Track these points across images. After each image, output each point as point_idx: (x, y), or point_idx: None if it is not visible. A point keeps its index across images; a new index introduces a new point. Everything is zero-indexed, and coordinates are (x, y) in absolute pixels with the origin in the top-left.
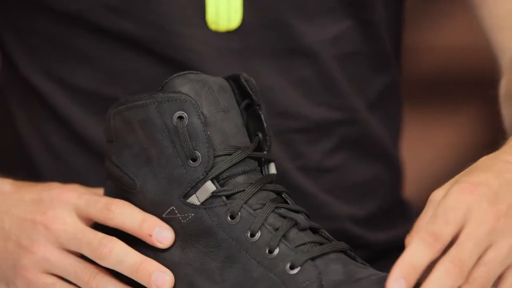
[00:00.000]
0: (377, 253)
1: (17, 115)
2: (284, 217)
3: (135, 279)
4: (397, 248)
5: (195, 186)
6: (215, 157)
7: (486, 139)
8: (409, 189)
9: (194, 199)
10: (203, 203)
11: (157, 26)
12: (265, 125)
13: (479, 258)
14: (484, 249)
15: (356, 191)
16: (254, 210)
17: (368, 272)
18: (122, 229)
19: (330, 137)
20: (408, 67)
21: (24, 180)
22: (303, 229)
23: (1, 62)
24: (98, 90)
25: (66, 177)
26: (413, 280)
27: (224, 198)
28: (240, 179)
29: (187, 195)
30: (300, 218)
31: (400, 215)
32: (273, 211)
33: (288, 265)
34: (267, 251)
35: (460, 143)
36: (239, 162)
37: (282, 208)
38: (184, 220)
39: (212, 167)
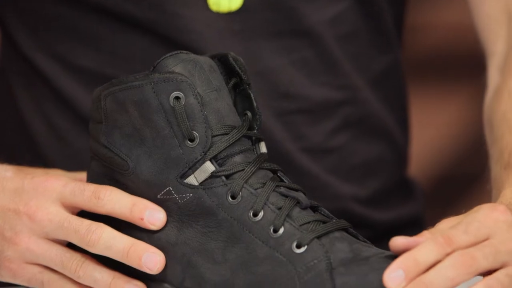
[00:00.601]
0: (380, 233)
1: (19, 96)
2: (285, 195)
3: (125, 262)
4: (400, 228)
5: (193, 167)
6: (212, 137)
7: None
8: (412, 168)
9: (192, 180)
10: (201, 184)
11: (159, 7)
12: (255, 104)
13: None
14: (500, 264)
15: (359, 171)
16: (255, 189)
17: (373, 250)
18: (113, 215)
19: (332, 118)
20: (410, 45)
21: (28, 162)
22: (304, 208)
23: (4, 43)
24: (101, 71)
25: (69, 157)
26: (412, 274)
27: (223, 178)
28: (237, 158)
29: (185, 175)
30: (302, 196)
31: (403, 194)
32: (274, 190)
33: (294, 244)
34: (271, 230)
35: (463, 122)
36: (236, 141)
37: (281, 187)
38: (181, 201)
39: (210, 147)
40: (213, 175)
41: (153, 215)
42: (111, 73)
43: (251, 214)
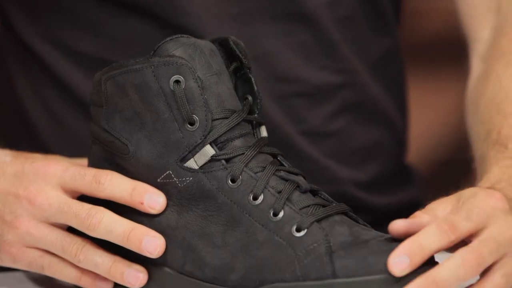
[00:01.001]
0: (379, 217)
1: (18, 83)
2: (285, 179)
3: (126, 246)
4: (399, 212)
5: (193, 150)
6: (212, 120)
7: None
8: (412, 153)
9: (192, 163)
10: (201, 167)
11: None
12: (255, 88)
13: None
14: (500, 256)
15: (358, 155)
16: (255, 173)
17: (373, 233)
18: (113, 200)
19: (331, 101)
20: (410, 29)
21: (27, 148)
22: (304, 191)
23: (2, 30)
24: (100, 55)
25: (68, 143)
26: (417, 261)
27: (223, 161)
28: (237, 142)
29: (185, 159)
30: (301, 180)
31: (402, 179)
32: (273, 173)
33: (294, 228)
34: (271, 214)
35: (463, 108)
36: (236, 125)
37: (281, 171)
38: (181, 184)
39: (210, 130)
40: (213, 159)
41: (153, 199)
42: (111, 58)
43: (251, 197)
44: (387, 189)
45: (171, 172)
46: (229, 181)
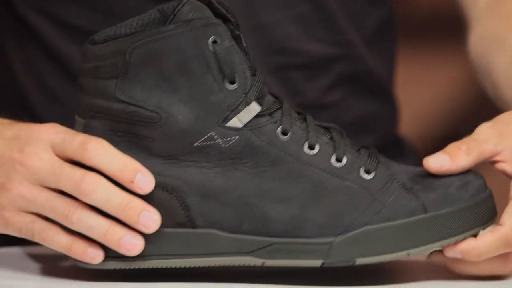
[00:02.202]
0: None
1: (12, 56)
2: (326, 128)
3: (121, 218)
4: None
5: (236, 109)
6: (250, 77)
7: None
8: (411, 128)
9: (235, 122)
10: (246, 125)
11: None
12: (244, 44)
13: None
14: None
15: (353, 127)
16: (301, 123)
17: (420, 168)
18: (101, 171)
19: (328, 74)
20: (411, 3)
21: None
22: (345, 137)
23: None
24: (96, 29)
25: (63, 117)
26: (458, 162)
27: (268, 116)
28: (269, 98)
29: (227, 119)
30: (337, 127)
31: (395, 151)
32: (315, 124)
33: (362, 171)
34: (334, 160)
35: (462, 82)
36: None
37: (315, 121)
38: (225, 145)
39: (250, 87)
40: (258, 115)
41: (143, 180)
42: None
43: (306, 147)
44: None
45: (214, 134)
46: (280, 135)
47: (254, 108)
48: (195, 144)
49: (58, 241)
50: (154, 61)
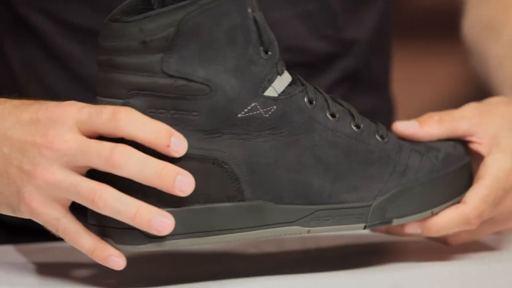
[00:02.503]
0: None
1: (12, 56)
2: (333, 98)
3: (156, 186)
4: None
5: (271, 79)
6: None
7: None
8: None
9: (271, 92)
10: (280, 94)
11: None
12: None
13: None
14: None
15: None
16: (320, 93)
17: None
18: (134, 139)
19: (332, 71)
20: (411, 2)
21: None
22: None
23: None
24: (99, 29)
25: None
26: (426, 129)
27: (294, 86)
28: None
29: (264, 89)
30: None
31: None
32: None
33: (377, 136)
34: (354, 126)
35: (461, 80)
36: None
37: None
38: (266, 115)
39: (279, 57)
40: (290, 84)
41: (178, 142)
42: None
43: (329, 115)
44: None
45: (257, 104)
46: (308, 103)
47: (287, 77)
48: (239, 115)
49: (82, 244)
50: (204, 31)
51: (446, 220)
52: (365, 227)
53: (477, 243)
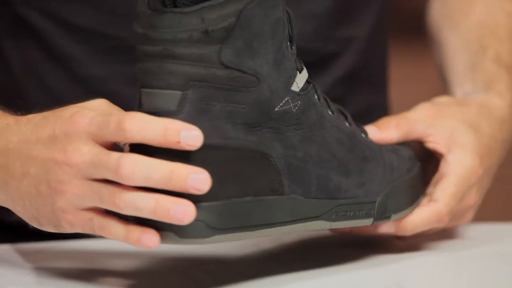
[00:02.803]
0: None
1: (11, 56)
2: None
3: (169, 189)
4: None
5: (295, 74)
6: None
7: None
8: None
9: (295, 87)
10: (300, 90)
11: None
12: None
13: None
14: None
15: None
16: (320, 91)
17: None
18: (146, 143)
19: (333, 70)
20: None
21: None
22: None
23: None
24: (101, 30)
25: None
26: (385, 134)
27: (307, 83)
28: None
29: (291, 84)
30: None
31: None
32: None
33: (363, 135)
34: (348, 124)
35: None
36: None
37: None
38: (294, 109)
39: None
40: (307, 80)
41: (189, 135)
42: (111, 32)
43: (330, 112)
44: None
45: (289, 98)
46: (317, 100)
47: (305, 73)
48: (276, 109)
49: (116, 233)
50: (255, 23)
51: (420, 218)
52: (373, 222)
53: (478, 241)
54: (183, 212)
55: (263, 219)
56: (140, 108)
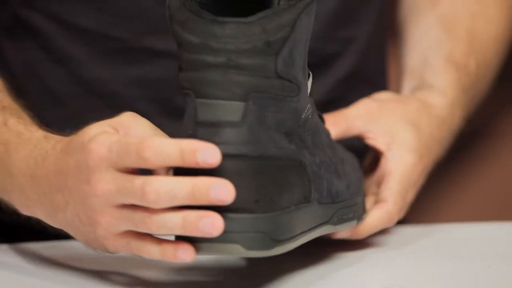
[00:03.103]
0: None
1: (13, 57)
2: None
3: (195, 204)
4: None
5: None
6: None
7: None
8: None
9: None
10: (309, 95)
11: None
12: None
13: None
14: None
15: None
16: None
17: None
18: (165, 167)
19: (334, 71)
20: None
21: None
22: None
23: None
24: (102, 31)
25: (65, 119)
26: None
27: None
28: None
29: (308, 90)
30: None
31: None
32: None
33: (342, 151)
34: (326, 129)
35: None
36: None
37: None
38: (310, 116)
39: None
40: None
41: (206, 154)
42: (113, 33)
43: (318, 118)
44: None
45: (309, 106)
46: (311, 106)
47: (310, 80)
48: (303, 116)
49: (153, 253)
50: (302, 32)
51: (374, 220)
52: (356, 224)
53: (478, 241)
54: (211, 224)
55: (301, 228)
56: (195, 119)
